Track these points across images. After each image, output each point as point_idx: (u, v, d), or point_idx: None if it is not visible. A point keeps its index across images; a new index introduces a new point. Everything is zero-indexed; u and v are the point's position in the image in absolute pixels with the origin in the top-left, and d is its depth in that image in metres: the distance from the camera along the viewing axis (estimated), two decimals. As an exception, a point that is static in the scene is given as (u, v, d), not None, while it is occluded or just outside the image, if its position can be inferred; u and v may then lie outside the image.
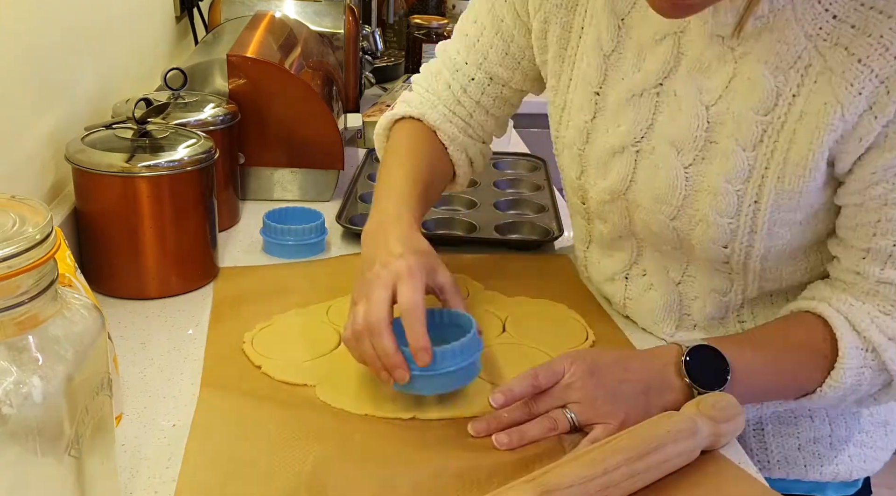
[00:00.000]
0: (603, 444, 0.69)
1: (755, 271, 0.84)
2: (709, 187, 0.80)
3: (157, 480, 0.69)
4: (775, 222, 0.79)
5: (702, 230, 0.82)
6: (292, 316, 0.95)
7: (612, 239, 0.94)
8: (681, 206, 0.82)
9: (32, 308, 0.50)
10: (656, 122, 0.83)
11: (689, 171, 0.81)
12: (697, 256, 0.86)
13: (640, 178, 0.85)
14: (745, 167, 0.78)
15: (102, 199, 0.95)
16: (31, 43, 0.97)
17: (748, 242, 0.81)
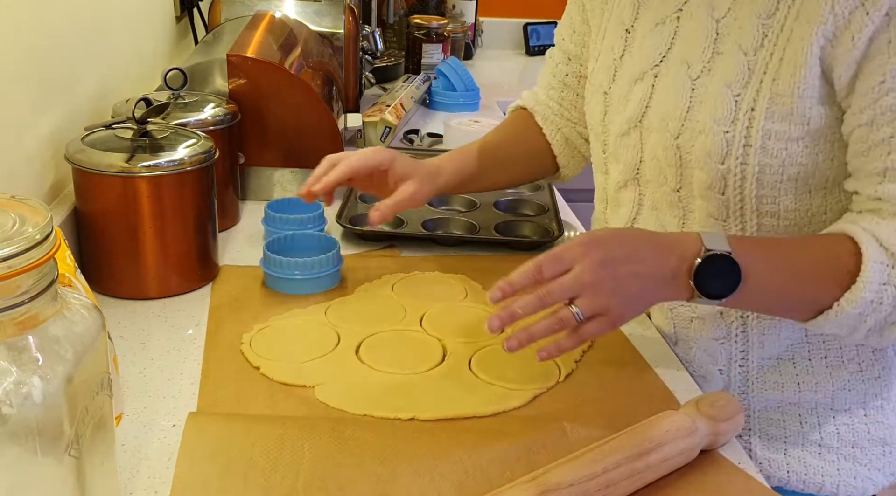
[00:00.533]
0: (602, 444, 0.69)
1: (752, 207, 0.83)
2: (710, 96, 0.83)
3: (157, 480, 0.69)
4: (770, 134, 0.80)
5: (700, 143, 0.83)
6: (291, 316, 0.95)
7: (619, 188, 0.96)
8: (685, 119, 0.85)
9: (32, 308, 0.50)
10: (674, 45, 0.88)
11: (695, 83, 0.84)
12: (695, 193, 0.86)
13: (654, 101, 0.89)
14: (744, 71, 0.81)
15: (102, 199, 0.95)
16: (32, 43, 0.97)
17: (743, 158, 0.81)
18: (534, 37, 2.85)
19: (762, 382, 0.91)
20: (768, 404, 0.91)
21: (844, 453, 0.91)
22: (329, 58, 1.48)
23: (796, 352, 0.89)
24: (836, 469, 0.91)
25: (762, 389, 0.91)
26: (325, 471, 0.68)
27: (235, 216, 1.22)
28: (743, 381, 0.91)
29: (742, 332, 0.90)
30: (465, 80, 1.98)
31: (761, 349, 0.90)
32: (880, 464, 0.92)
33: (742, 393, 0.92)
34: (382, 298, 1.00)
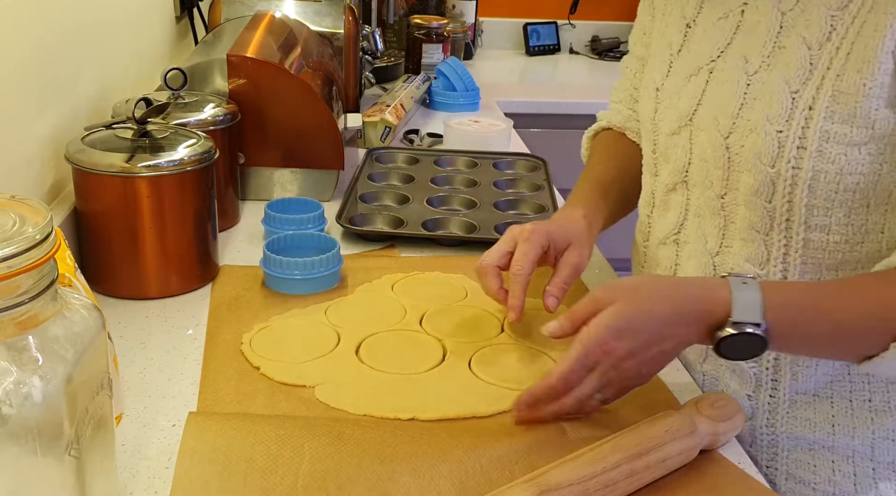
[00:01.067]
0: (602, 443, 0.69)
1: (800, 219, 0.76)
2: (766, 93, 0.77)
3: (158, 480, 0.69)
4: (828, 136, 0.73)
5: (751, 143, 0.77)
6: (291, 316, 0.95)
7: (666, 191, 0.90)
8: (736, 116, 0.79)
9: (32, 308, 0.50)
10: (734, 40, 0.83)
11: (752, 78, 0.79)
12: (739, 200, 0.80)
13: (707, 98, 0.84)
14: (805, 66, 0.75)
15: (102, 199, 0.95)
16: (32, 43, 0.97)
17: (796, 161, 0.75)
18: (534, 37, 2.85)
19: (792, 418, 0.83)
20: (798, 444, 0.83)
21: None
22: (329, 58, 1.48)
23: (835, 391, 0.81)
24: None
25: (792, 425, 0.83)
26: (324, 472, 0.68)
27: (235, 216, 1.22)
28: (771, 413, 0.84)
29: (775, 358, 0.83)
30: (465, 80, 1.98)
31: (794, 381, 0.82)
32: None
33: (769, 426, 0.84)
34: (382, 298, 1.00)
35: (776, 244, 0.79)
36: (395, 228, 1.19)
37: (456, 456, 0.70)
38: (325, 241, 1.06)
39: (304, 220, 1.11)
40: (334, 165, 1.28)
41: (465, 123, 1.64)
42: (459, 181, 1.39)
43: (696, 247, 0.87)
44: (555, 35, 2.88)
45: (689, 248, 0.88)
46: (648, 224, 0.96)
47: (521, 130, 1.81)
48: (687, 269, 0.88)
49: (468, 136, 1.60)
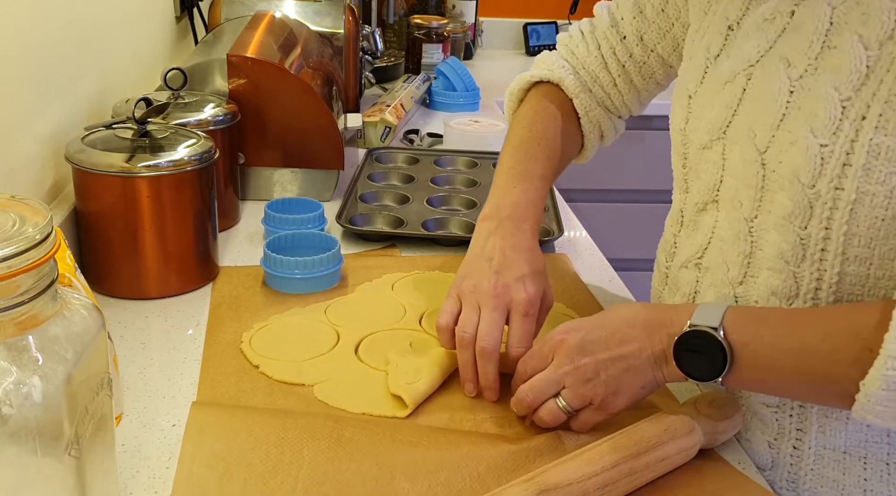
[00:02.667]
0: (601, 443, 0.69)
1: (837, 249, 0.67)
2: (811, 100, 0.68)
3: (157, 480, 0.69)
4: (878, 151, 0.63)
5: (790, 159, 0.68)
6: (291, 315, 0.95)
7: (696, 212, 0.81)
8: (777, 128, 0.70)
9: (32, 308, 0.50)
10: (777, 42, 0.72)
11: (795, 84, 0.69)
12: (770, 225, 0.71)
13: (744, 107, 0.74)
14: (861, 69, 0.65)
15: (102, 199, 0.95)
16: (32, 42, 0.97)
17: (839, 181, 0.65)
18: (534, 37, 2.85)
19: (818, 476, 0.73)
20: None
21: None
22: (329, 58, 1.48)
23: (870, 451, 0.71)
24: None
25: (817, 486, 0.74)
26: (323, 476, 0.68)
27: (235, 216, 1.22)
28: (794, 467, 0.75)
29: (800, 406, 0.74)
30: (465, 80, 1.98)
31: (822, 435, 0.73)
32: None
33: (791, 481, 0.75)
34: (382, 298, 1.00)
35: (807, 277, 0.69)
36: (396, 228, 1.19)
37: (454, 463, 0.70)
38: (326, 241, 1.06)
39: (304, 219, 1.11)
40: (334, 165, 1.28)
41: (465, 123, 1.64)
42: (459, 181, 1.39)
43: (717, 274, 0.77)
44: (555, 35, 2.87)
45: (710, 275, 0.79)
46: (674, 244, 0.86)
47: (520, 130, 1.81)
48: (706, 298, 0.80)
49: (468, 136, 1.60)
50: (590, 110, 0.99)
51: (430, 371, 0.81)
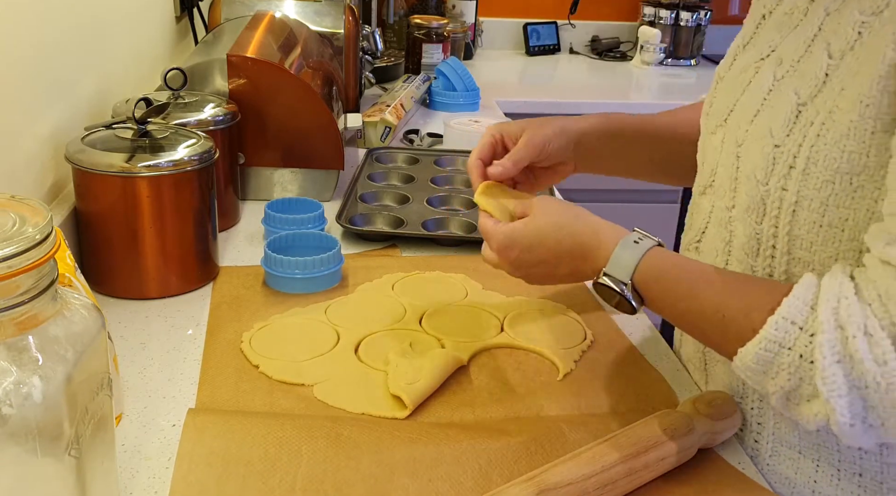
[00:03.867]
0: (601, 443, 0.69)
1: (783, 249, 0.69)
2: (779, 104, 0.70)
3: (157, 480, 0.69)
4: (818, 158, 0.65)
5: (753, 155, 0.71)
6: (291, 315, 0.95)
7: (699, 193, 0.83)
8: (751, 122, 0.73)
9: (32, 308, 0.50)
10: (786, 38, 0.74)
11: (775, 85, 0.72)
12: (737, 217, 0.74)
13: (742, 99, 0.76)
14: (820, 76, 0.66)
15: (102, 199, 0.95)
16: (32, 43, 0.97)
17: (785, 181, 0.67)
18: (534, 37, 2.85)
19: (772, 471, 0.75)
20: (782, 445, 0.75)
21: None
22: (329, 58, 1.48)
23: (822, 455, 0.72)
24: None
25: (772, 481, 0.75)
26: (322, 474, 0.68)
27: (235, 216, 1.22)
28: (753, 458, 0.76)
29: (759, 399, 0.76)
30: (465, 80, 1.98)
31: (778, 430, 0.74)
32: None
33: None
34: (382, 298, 1.00)
35: (760, 272, 0.72)
36: (396, 228, 1.19)
37: (454, 457, 0.70)
38: (326, 241, 1.06)
39: (304, 219, 1.11)
40: (334, 165, 1.28)
41: (465, 123, 1.64)
42: (459, 181, 1.39)
43: (706, 259, 0.80)
44: (555, 35, 2.88)
45: (705, 259, 0.80)
46: (689, 224, 0.87)
47: (520, 130, 1.81)
48: None
49: (468, 136, 1.60)
50: None
51: (430, 371, 0.81)
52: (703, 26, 2.73)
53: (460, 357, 0.86)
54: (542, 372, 0.86)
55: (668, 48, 2.74)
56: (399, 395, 0.78)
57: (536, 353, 0.90)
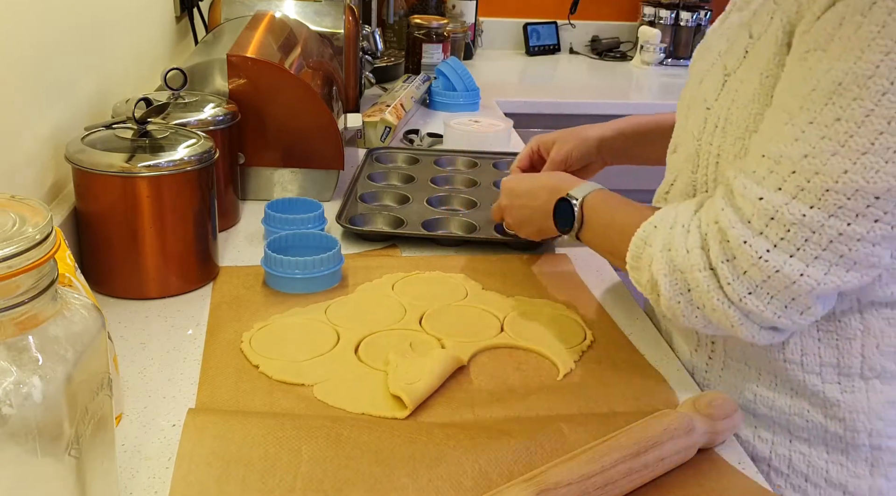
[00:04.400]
0: (601, 443, 0.69)
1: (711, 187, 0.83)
2: (714, 74, 0.84)
3: (157, 480, 0.69)
4: (731, 118, 0.80)
5: (694, 115, 0.86)
6: (291, 315, 0.95)
7: (671, 152, 0.95)
8: (694, 92, 0.88)
9: (32, 308, 0.50)
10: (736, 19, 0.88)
11: (716, 60, 0.86)
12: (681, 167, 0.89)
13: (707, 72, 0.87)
14: (741, 53, 0.81)
15: (102, 199, 0.95)
16: (32, 43, 0.97)
17: (710, 137, 0.82)
18: (534, 37, 2.85)
19: (723, 381, 0.88)
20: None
21: (794, 483, 0.84)
22: (329, 58, 1.48)
23: (762, 365, 0.85)
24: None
25: (723, 387, 0.88)
26: (322, 474, 0.68)
27: (235, 216, 1.22)
28: (707, 372, 0.90)
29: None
30: (465, 80, 1.98)
31: (727, 346, 0.87)
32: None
33: (704, 384, 0.90)
34: (382, 298, 1.00)
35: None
36: (396, 228, 1.19)
37: (454, 457, 0.70)
38: (326, 241, 1.06)
39: (304, 219, 1.11)
40: (334, 165, 1.28)
41: (465, 123, 1.64)
42: (459, 181, 1.39)
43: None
44: (555, 35, 2.88)
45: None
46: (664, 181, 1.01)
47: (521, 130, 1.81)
48: None
49: (468, 136, 1.60)
50: None
51: (430, 372, 0.81)
52: (703, 26, 2.74)
53: (460, 357, 0.86)
54: (542, 372, 0.87)
55: (668, 48, 2.74)
56: (399, 395, 0.78)
57: (536, 353, 0.90)
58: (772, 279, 0.71)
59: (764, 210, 0.71)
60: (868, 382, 0.80)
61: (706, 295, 0.74)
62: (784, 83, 0.74)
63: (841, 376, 0.81)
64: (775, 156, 0.71)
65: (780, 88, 0.74)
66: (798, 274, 0.70)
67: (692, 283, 0.75)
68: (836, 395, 0.81)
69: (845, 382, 0.81)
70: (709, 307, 0.75)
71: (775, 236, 0.71)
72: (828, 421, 0.82)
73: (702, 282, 0.74)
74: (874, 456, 0.81)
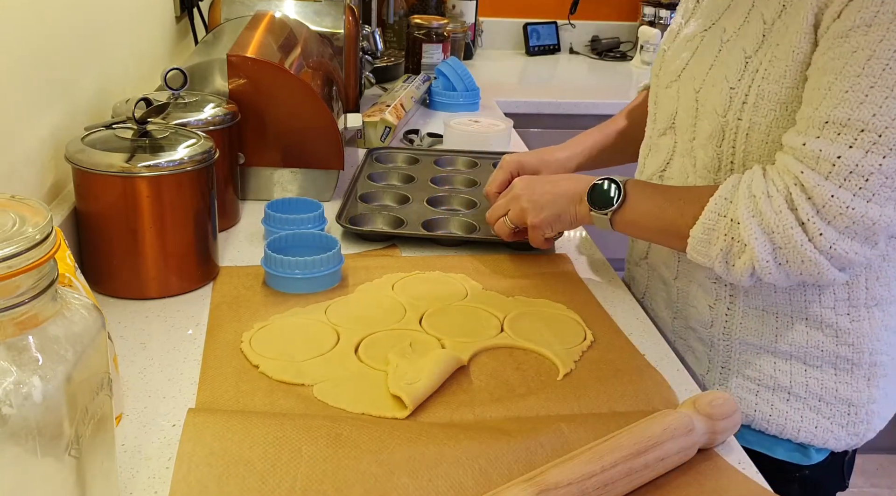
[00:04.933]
0: (600, 443, 0.69)
1: (740, 162, 0.94)
2: (729, 59, 0.94)
3: (157, 480, 0.69)
4: (763, 94, 0.90)
5: (712, 97, 0.95)
6: (291, 315, 0.95)
7: (658, 135, 1.08)
8: (706, 74, 0.97)
9: (32, 308, 0.50)
10: (724, 14, 0.99)
11: (723, 46, 0.96)
12: (700, 143, 0.98)
13: (693, 59, 1.01)
14: (759, 37, 0.92)
15: (102, 199, 0.95)
16: (32, 43, 0.97)
17: (739, 113, 0.92)
18: (534, 37, 2.85)
19: (745, 328, 1.00)
20: (748, 348, 1.00)
21: (810, 404, 0.99)
22: (329, 58, 1.48)
23: (780, 309, 0.97)
24: (800, 416, 0.99)
25: (744, 334, 1.00)
26: (322, 474, 0.68)
27: (235, 216, 1.22)
28: (728, 322, 1.01)
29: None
30: (465, 80, 1.98)
31: (747, 297, 0.99)
32: (843, 422, 0.99)
33: (726, 333, 1.01)
34: (382, 298, 1.00)
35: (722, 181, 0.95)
36: (395, 228, 1.19)
37: (454, 456, 0.70)
38: (326, 241, 1.06)
39: (303, 219, 1.11)
40: (334, 165, 1.28)
41: (465, 123, 1.65)
42: (459, 181, 1.39)
43: (678, 181, 1.04)
44: (555, 35, 2.88)
45: (672, 183, 1.05)
46: (643, 164, 1.13)
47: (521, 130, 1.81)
48: None
49: (468, 136, 1.60)
50: None
51: (430, 372, 0.81)
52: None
53: (460, 357, 0.86)
54: (542, 372, 0.87)
55: (668, 48, 2.73)
56: (399, 395, 0.78)
57: (536, 353, 0.90)
58: (856, 224, 0.82)
59: (844, 166, 0.81)
60: (870, 310, 0.96)
61: (799, 248, 0.84)
62: (829, 61, 0.84)
63: (850, 307, 0.95)
64: (842, 120, 0.82)
65: (825, 65, 0.84)
66: (878, 215, 0.82)
67: (784, 241, 0.84)
68: (847, 324, 0.96)
69: (853, 312, 0.96)
70: (800, 259, 0.84)
71: (854, 187, 0.81)
72: (839, 347, 0.97)
73: (794, 237, 0.84)
74: (871, 371, 0.98)
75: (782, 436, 1.00)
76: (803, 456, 1.01)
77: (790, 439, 1.00)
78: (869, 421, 1.01)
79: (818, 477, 1.03)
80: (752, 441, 1.01)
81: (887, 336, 0.99)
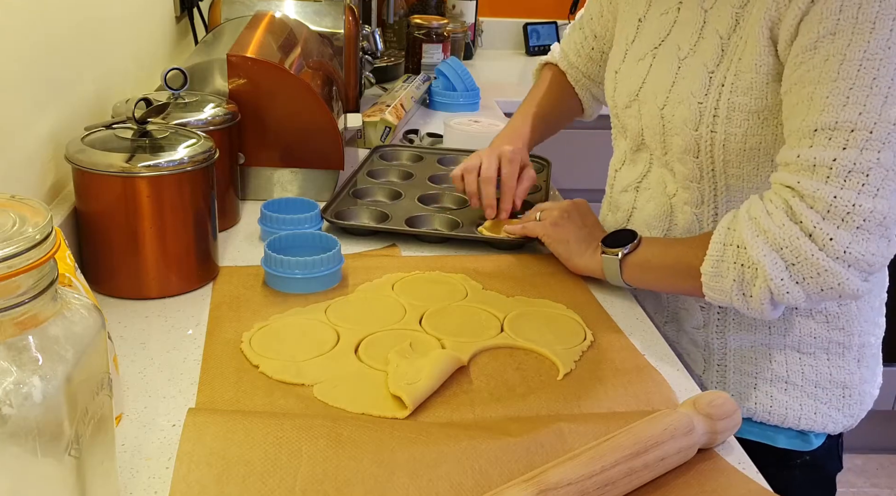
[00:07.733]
0: (601, 443, 0.69)
1: (721, 170, 0.97)
2: (691, 73, 0.97)
3: (157, 480, 0.69)
4: (734, 106, 0.93)
5: (679, 113, 0.98)
6: (291, 315, 0.95)
7: (633, 151, 1.11)
8: (669, 92, 1.00)
9: (32, 308, 0.50)
10: (672, 31, 1.02)
11: (682, 62, 0.99)
12: (675, 158, 1.01)
13: (650, 77, 1.04)
14: (718, 52, 0.95)
15: (102, 199, 0.95)
16: (32, 42, 0.97)
17: (712, 126, 0.95)
18: (534, 37, 2.85)
19: (738, 324, 1.03)
20: (743, 343, 1.04)
21: (807, 391, 1.03)
22: (329, 58, 1.48)
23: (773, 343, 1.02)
24: (799, 404, 1.03)
25: (738, 330, 1.03)
26: (322, 474, 0.68)
27: (235, 216, 1.22)
28: (721, 321, 1.04)
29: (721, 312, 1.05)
30: (465, 80, 1.98)
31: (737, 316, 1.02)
32: (839, 405, 1.04)
33: (720, 331, 1.05)
34: (382, 298, 1.00)
35: (707, 190, 1.01)
36: (380, 223, 1.19)
37: (454, 456, 0.70)
38: (327, 241, 1.06)
39: (300, 219, 1.11)
40: (334, 165, 1.28)
41: (464, 123, 1.65)
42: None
43: (656, 191, 1.08)
44: (555, 35, 2.88)
45: (649, 192, 1.09)
46: (615, 177, 1.17)
47: (520, 130, 1.81)
48: (647, 210, 1.10)
49: (468, 135, 1.60)
50: (578, 81, 1.33)
51: (431, 372, 0.81)
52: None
53: (460, 357, 0.86)
54: (542, 372, 0.87)
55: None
56: (399, 395, 0.78)
57: (536, 353, 0.90)
58: (867, 221, 0.81)
59: (842, 167, 0.81)
60: None
61: (811, 259, 0.83)
62: (804, 73, 0.85)
63: None
64: (829, 124, 0.82)
65: (801, 78, 0.86)
66: (888, 209, 0.81)
67: (794, 255, 0.83)
68: (836, 309, 1.00)
69: None
70: (815, 271, 0.83)
71: (857, 184, 0.81)
72: (830, 332, 1.01)
73: (804, 249, 0.83)
74: (860, 352, 1.03)
75: (784, 426, 1.03)
76: (804, 442, 1.05)
77: (792, 427, 1.03)
78: (862, 401, 1.05)
79: (818, 460, 1.06)
80: (755, 433, 1.04)
81: (873, 316, 1.03)
